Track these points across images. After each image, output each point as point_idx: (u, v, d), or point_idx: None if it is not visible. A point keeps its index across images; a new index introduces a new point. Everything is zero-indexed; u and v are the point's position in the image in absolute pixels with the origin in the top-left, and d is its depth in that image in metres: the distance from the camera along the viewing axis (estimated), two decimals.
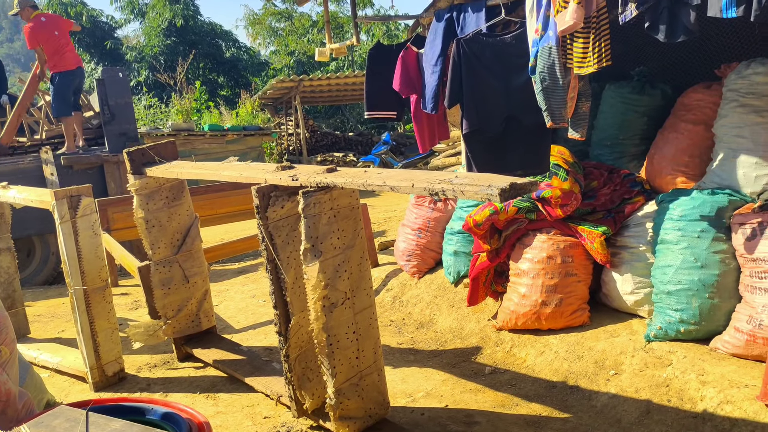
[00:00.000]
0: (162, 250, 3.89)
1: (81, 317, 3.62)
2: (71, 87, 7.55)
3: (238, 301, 5.49)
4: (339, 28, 24.39)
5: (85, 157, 7.59)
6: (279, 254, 2.89)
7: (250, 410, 3.32)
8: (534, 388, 3.38)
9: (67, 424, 1.93)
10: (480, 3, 3.86)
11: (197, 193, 6.15)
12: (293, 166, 2.97)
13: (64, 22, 7.71)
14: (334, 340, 2.72)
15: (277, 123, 18.00)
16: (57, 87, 7.52)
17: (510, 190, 2.07)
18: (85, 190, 3.66)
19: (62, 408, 2.12)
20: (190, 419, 2.51)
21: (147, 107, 19.39)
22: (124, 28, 27.16)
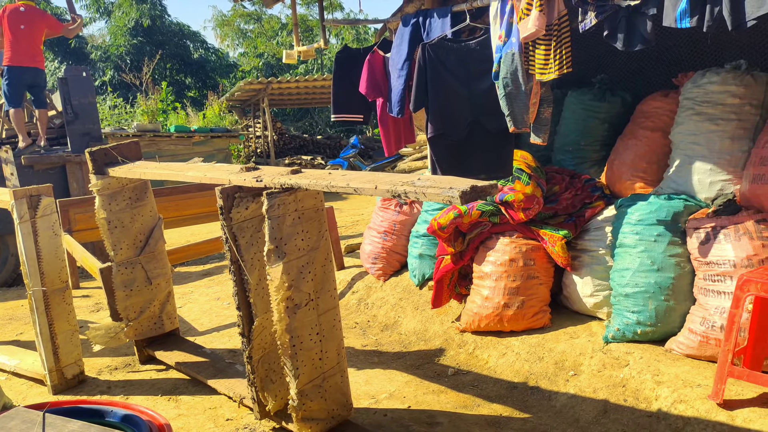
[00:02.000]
0: (124, 252, 3.85)
1: (40, 319, 3.56)
2: (21, 82, 7.35)
3: (203, 304, 5.45)
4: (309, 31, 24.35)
5: (47, 157, 7.44)
6: (243, 255, 2.88)
7: (212, 412, 3.30)
8: (496, 388, 3.43)
9: (24, 425, 1.91)
10: (446, 9, 3.91)
11: (162, 195, 6.09)
12: (258, 168, 2.98)
13: (42, 20, 7.51)
14: (297, 342, 2.72)
15: (245, 125, 17.89)
16: (7, 80, 7.39)
17: (471, 192, 2.11)
18: (46, 189, 3.60)
19: (18, 410, 2.10)
20: (151, 421, 2.50)
21: (112, 107, 19.12)
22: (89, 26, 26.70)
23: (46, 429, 1.92)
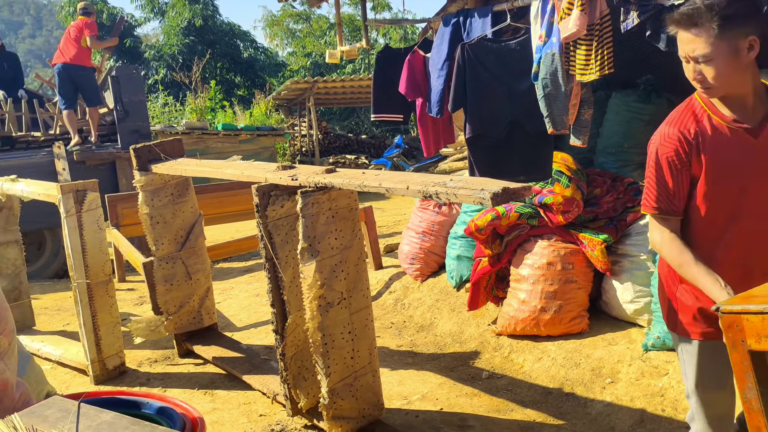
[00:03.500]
0: (165, 247, 3.94)
1: (83, 311, 3.67)
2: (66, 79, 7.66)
3: (242, 300, 5.53)
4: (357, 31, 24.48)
5: (97, 153, 7.68)
6: (277, 253, 2.91)
7: (246, 407, 3.35)
8: (530, 393, 3.38)
9: (59, 414, 1.96)
10: (486, 9, 3.88)
11: (206, 191, 6.20)
12: (294, 166, 3.01)
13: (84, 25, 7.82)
14: (329, 340, 2.73)
15: (291, 124, 18.08)
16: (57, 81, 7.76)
17: (502, 194, 2.08)
18: (91, 185, 3.71)
19: (55, 399, 2.15)
20: (185, 414, 2.53)
21: (163, 105, 19.56)
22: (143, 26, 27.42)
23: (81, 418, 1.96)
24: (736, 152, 1.89)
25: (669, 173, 1.93)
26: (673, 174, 1.93)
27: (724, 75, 1.80)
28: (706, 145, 1.89)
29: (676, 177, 1.93)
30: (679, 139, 1.90)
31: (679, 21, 1.83)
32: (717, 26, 1.75)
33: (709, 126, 1.90)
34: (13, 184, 3.99)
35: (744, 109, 1.89)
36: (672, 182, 1.93)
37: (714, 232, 1.95)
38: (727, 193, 1.91)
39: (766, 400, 1.53)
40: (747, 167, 1.89)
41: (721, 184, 1.91)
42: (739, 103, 1.89)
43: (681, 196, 1.94)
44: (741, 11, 1.76)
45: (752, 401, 1.54)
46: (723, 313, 1.54)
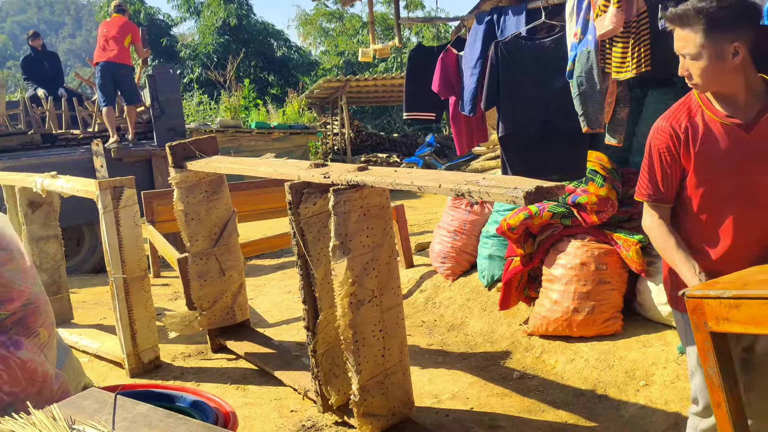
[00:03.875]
0: (200, 243, 3.99)
1: (120, 305, 3.74)
2: (106, 76, 7.80)
3: (274, 296, 5.58)
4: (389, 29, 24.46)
5: (134, 151, 7.82)
6: (309, 250, 2.93)
7: (277, 403, 3.38)
8: (562, 395, 3.35)
9: (96, 405, 2.00)
10: (521, 6, 3.84)
11: (239, 189, 6.26)
12: (326, 164, 3.02)
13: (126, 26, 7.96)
14: (360, 337, 2.75)
15: (323, 122, 18.16)
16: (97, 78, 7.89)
17: (535, 193, 2.07)
18: (128, 181, 3.78)
19: (93, 390, 2.20)
20: (218, 408, 2.57)
21: (198, 104, 19.82)
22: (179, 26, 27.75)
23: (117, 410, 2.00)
24: (728, 146, 1.97)
25: (659, 164, 2.06)
26: (663, 165, 2.05)
27: (709, 74, 1.92)
28: (696, 139, 1.99)
29: (666, 168, 2.05)
30: (670, 134, 2.02)
31: (672, 20, 1.97)
32: (704, 29, 1.88)
33: (701, 121, 2.00)
34: (53, 181, 4.09)
35: (736, 105, 1.98)
36: (662, 173, 2.06)
37: (706, 221, 2.03)
38: (719, 184, 2.00)
39: (726, 377, 1.67)
40: (738, 161, 1.97)
41: (713, 176, 2.00)
42: (731, 100, 1.98)
43: (671, 186, 2.06)
44: (728, 18, 1.87)
45: (713, 378, 1.69)
46: (688, 297, 1.70)
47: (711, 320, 1.65)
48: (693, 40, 1.90)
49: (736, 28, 1.89)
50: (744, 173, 1.97)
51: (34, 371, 2.54)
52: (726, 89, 1.96)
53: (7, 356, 2.48)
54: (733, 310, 1.62)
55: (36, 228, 4.56)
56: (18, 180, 4.48)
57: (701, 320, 1.68)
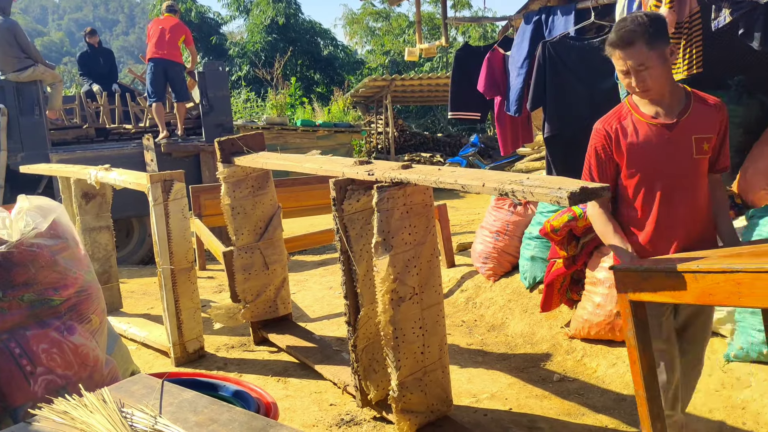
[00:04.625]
0: (245, 237, 4.07)
1: (167, 295, 3.85)
2: (158, 72, 7.98)
3: (316, 292, 5.64)
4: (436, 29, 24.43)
5: (183, 146, 8.01)
6: (352, 246, 2.97)
7: (317, 396, 3.43)
8: (603, 399, 3.31)
9: (145, 390, 2.07)
10: (570, 6, 3.81)
11: (284, 185, 6.36)
12: (371, 161, 3.05)
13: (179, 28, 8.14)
14: (400, 334, 2.77)
15: (368, 121, 18.25)
16: (148, 73, 8.07)
17: (580, 193, 2.05)
18: (178, 175, 3.87)
19: (141, 376, 2.28)
20: (260, 399, 2.62)
21: (245, 101, 20.13)
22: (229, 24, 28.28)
23: (164, 395, 2.06)
24: (654, 143, 2.30)
25: (596, 160, 2.41)
26: (599, 161, 2.40)
27: (658, 78, 2.24)
28: (627, 138, 2.33)
29: (602, 163, 2.40)
30: (604, 135, 2.38)
31: (617, 44, 2.26)
32: (645, 42, 2.20)
33: (631, 123, 2.34)
34: (106, 173, 4.22)
35: (660, 108, 2.31)
36: (599, 168, 2.41)
37: (638, 208, 2.34)
38: (647, 175, 2.32)
39: (641, 339, 2.01)
40: (663, 155, 2.29)
41: (642, 169, 2.33)
42: (658, 102, 2.31)
43: (606, 178, 2.39)
44: (661, 30, 2.24)
45: (630, 339, 2.02)
46: (615, 271, 2.07)
47: (630, 290, 1.98)
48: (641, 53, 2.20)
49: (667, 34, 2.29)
50: (667, 165, 2.28)
51: (85, 356, 2.64)
52: (663, 90, 2.28)
53: (61, 341, 2.58)
54: (644, 281, 1.95)
55: (89, 219, 4.71)
56: (73, 172, 4.64)
57: (624, 290, 2.02)
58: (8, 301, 2.49)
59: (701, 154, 2.29)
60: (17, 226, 2.52)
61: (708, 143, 2.29)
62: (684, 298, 1.85)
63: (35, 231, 2.56)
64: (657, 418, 2.05)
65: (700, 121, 2.29)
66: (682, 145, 2.27)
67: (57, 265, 2.61)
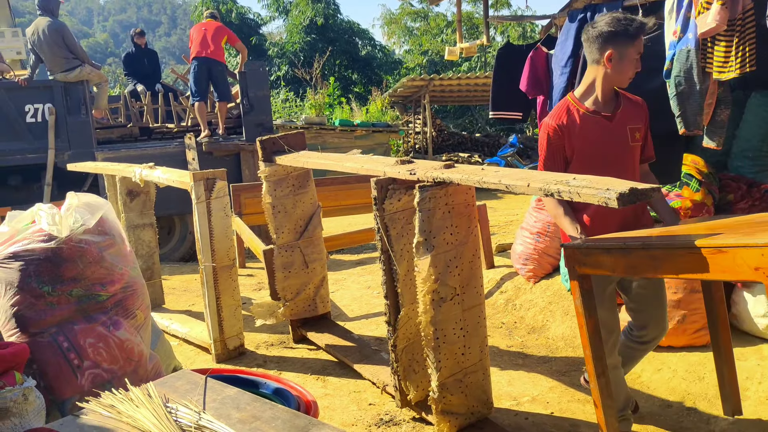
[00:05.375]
0: (285, 235, 4.09)
1: (209, 292, 3.89)
2: (202, 71, 8.10)
3: (354, 291, 5.65)
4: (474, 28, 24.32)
5: (224, 145, 8.11)
6: (393, 246, 2.96)
7: (356, 396, 3.42)
8: (647, 405, 3.24)
9: (188, 386, 2.09)
10: (616, 3, 3.74)
11: (324, 184, 6.38)
12: (412, 161, 3.03)
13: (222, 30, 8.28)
14: (440, 335, 2.75)
15: (406, 121, 18.23)
16: (192, 73, 8.20)
17: (629, 194, 2.00)
18: (220, 174, 3.92)
19: (185, 372, 2.30)
20: (299, 397, 2.63)
21: (284, 101, 20.31)
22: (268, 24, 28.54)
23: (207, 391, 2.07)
24: (597, 133, 2.64)
25: (548, 151, 2.69)
26: (551, 152, 2.69)
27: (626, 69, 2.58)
28: (573, 130, 2.63)
29: (553, 154, 2.68)
30: (554, 128, 2.66)
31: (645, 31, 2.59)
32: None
33: (577, 116, 2.65)
34: (150, 171, 4.29)
35: (599, 103, 2.65)
36: (551, 158, 2.69)
37: None
38: (593, 161, 2.60)
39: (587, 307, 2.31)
40: (604, 142, 2.63)
41: (588, 156, 2.63)
42: (597, 99, 2.65)
43: (558, 167, 2.67)
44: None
45: (578, 307, 2.33)
46: (564, 249, 2.37)
47: (576, 265, 2.29)
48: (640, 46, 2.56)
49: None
50: (609, 150, 2.62)
51: (130, 351, 2.68)
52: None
53: (107, 335, 2.62)
54: (587, 257, 2.26)
55: (133, 216, 4.80)
56: (119, 170, 4.74)
57: (572, 264, 2.30)
58: (57, 296, 2.54)
59: (635, 141, 2.67)
60: (66, 222, 2.58)
61: (639, 133, 2.68)
62: (617, 271, 2.20)
63: (83, 227, 2.62)
64: (602, 375, 2.38)
65: (631, 114, 2.67)
66: (619, 133, 2.64)
67: (104, 261, 2.66)
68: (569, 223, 2.61)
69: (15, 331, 2.51)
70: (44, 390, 2.24)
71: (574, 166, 2.64)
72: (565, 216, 2.63)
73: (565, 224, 2.63)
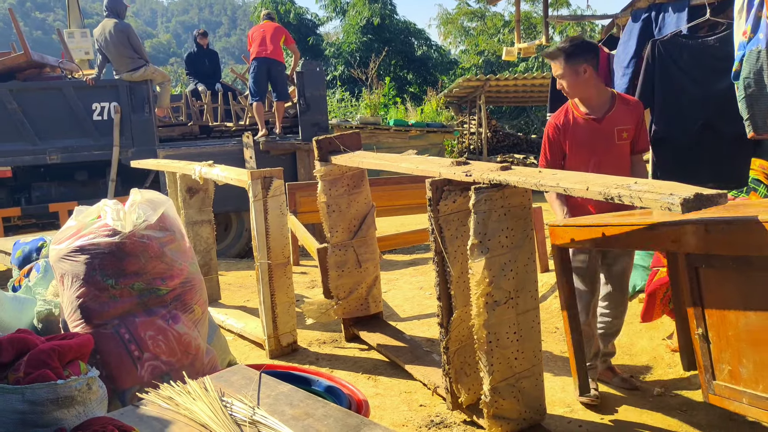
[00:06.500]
0: (339, 235, 4.12)
1: (264, 289, 3.95)
2: (262, 71, 8.23)
3: (406, 291, 5.65)
4: (531, 28, 23.98)
5: (280, 144, 8.23)
6: (447, 247, 2.94)
7: (407, 396, 3.42)
8: (708, 417, 3.13)
9: (243, 381, 2.13)
10: (682, 2, 3.63)
11: (377, 184, 6.41)
12: (468, 162, 3.01)
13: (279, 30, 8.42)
14: (494, 338, 2.72)
15: (460, 121, 18.13)
16: (251, 73, 8.34)
17: (694, 200, 1.94)
18: (277, 172, 3.98)
19: (240, 367, 2.35)
20: (351, 396, 2.64)
21: (339, 100, 20.46)
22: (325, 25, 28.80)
23: (262, 387, 2.11)
24: (588, 134, 3.16)
25: (548, 147, 3.27)
26: (550, 147, 3.25)
27: (571, 86, 3.15)
28: (568, 130, 3.18)
29: (552, 149, 3.25)
30: (554, 127, 3.23)
31: (548, 56, 3.25)
32: (563, 59, 3.12)
33: (572, 118, 3.19)
34: (210, 169, 4.38)
35: (592, 106, 3.17)
36: (550, 153, 3.27)
37: None
38: (584, 159, 3.15)
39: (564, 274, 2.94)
40: (593, 141, 3.15)
41: (579, 154, 3.18)
42: (588, 102, 3.18)
43: (556, 159, 3.25)
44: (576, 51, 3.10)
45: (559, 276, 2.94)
46: (549, 227, 2.88)
47: (558, 240, 2.86)
48: (559, 66, 3.14)
49: (582, 56, 3.09)
50: (597, 149, 3.14)
51: (188, 344, 2.75)
52: (583, 94, 3.16)
53: (166, 328, 2.70)
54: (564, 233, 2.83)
55: (192, 212, 4.92)
56: (179, 167, 4.86)
57: (553, 240, 2.88)
58: (120, 289, 2.63)
59: (621, 140, 3.15)
60: (130, 218, 2.66)
61: (627, 132, 3.15)
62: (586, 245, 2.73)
63: (146, 223, 2.69)
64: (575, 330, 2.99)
65: (621, 117, 3.14)
66: (606, 133, 3.13)
67: (165, 256, 2.73)
68: (558, 206, 3.20)
69: (80, 321, 2.60)
70: (105, 380, 2.31)
71: (568, 159, 3.21)
72: (556, 199, 3.20)
73: (555, 207, 3.22)
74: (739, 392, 2.47)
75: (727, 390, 2.53)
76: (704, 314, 2.54)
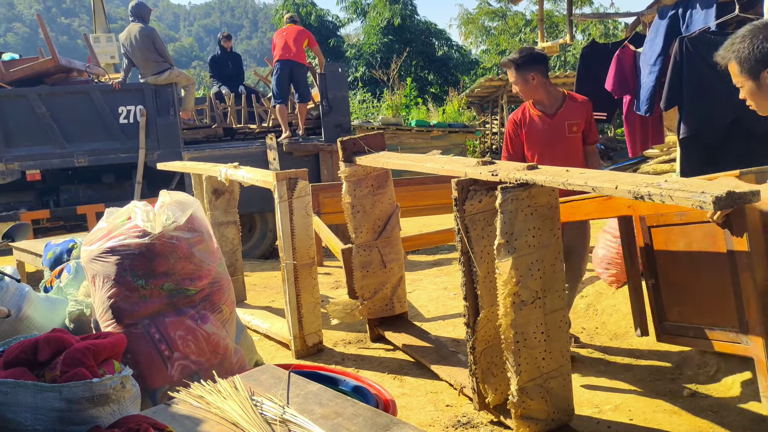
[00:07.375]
0: (364, 235, 4.13)
1: (289, 289, 3.97)
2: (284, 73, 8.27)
3: (430, 291, 5.65)
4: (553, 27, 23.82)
5: (303, 145, 8.27)
6: (473, 247, 2.93)
7: (433, 396, 3.42)
8: (739, 419, 3.08)
9: (272, 380, 2.14)
10: None
11: (400, 185, 6.41)
12: (494, 162, 3.00)
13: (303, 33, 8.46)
14: (521, 338, 2.71)
15: (482, 122, 18.07)
16: (275, 75, 8.39)
17: (726, 198, 1.92)
18: (302, 173, 4.00)
19: (269, 366, 2.36)
20: (378, 395, 2.65)
21: (361, 101, 20.51)
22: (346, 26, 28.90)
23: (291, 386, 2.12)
24: (541, 128, 3.64)
25: (509, 141, 3.74)
26: (511, 141, 3.73)
27: (522, 91, 3.66)
28: (525, 125, 3.66)
29: (513, 143, 3.72)
30: (513, 122, 3.70)
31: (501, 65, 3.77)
32: (514, 69, 3.63)
33: (528, 115, 3.67)
34: (235, 171, 4.42)
35: (544, 105, 3.67)
36: (512, 146, 3.73)
37: None
38: (538, 148, 3.62)
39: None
40: (547, 135, 3.62)
41: (535, 147, 3.64)
42: (540, 102, 3.68)
43: (517, 151, 3.72)
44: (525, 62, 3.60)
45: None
46: None
47: None
48: (511, 74, 3.66)
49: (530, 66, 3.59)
50: (551, 141, 3.60)
51: (216, 344, 2.78)
52: (535, 97, 3.66)
53: (195, 328, 2.73)
54: None
55: (218, 213, 4.96)
56: (205, 169, 4.91)
57: None
58: (150, 289, 2.66)
59: (571, 134, 3.61)
60: (159, 219, 2.69)
61: (577, 126, 3.62)
62: None
63: (175, 224, 2.73)
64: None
65: (571, 113, 3.62)
66: (558, 128, 3.60)
67: (193, 257, 2.76)
68: None
69: (111, 321, 2.64)
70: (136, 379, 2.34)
71: (526, 150, 3.66)
72: None
73: None
74: (686, 327, 3.14)
75: (675, 327, 3.22)
76: (656, 266, 3.22)
